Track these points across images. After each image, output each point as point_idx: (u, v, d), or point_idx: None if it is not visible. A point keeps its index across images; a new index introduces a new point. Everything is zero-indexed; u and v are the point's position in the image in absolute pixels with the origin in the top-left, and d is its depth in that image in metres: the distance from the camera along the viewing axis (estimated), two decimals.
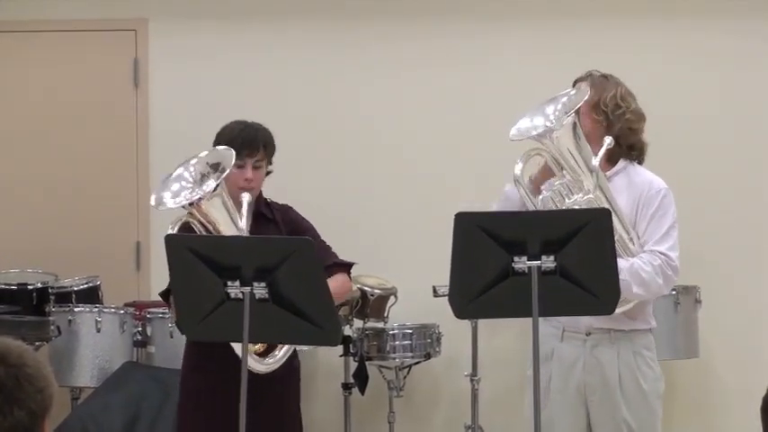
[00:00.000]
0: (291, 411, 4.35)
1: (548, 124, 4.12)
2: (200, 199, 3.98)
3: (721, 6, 6.56)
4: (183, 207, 4.03)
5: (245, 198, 4.14)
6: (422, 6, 6.66)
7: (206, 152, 4.16)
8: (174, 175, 4.11)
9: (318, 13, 6.67)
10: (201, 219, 4.02)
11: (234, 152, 4.08)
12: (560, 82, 4.39)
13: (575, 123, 4.14)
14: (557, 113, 4.14)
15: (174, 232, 3.97)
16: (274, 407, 4.24)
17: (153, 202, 4.07)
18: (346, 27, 6.66)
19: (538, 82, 5.43)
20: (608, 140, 4.21)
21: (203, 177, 4.08)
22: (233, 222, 4.05)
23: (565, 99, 4.17)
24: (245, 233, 4.09)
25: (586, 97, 4.19)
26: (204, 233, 4.03)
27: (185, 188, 4.06)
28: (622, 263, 4.10)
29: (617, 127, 4.30)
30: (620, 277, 3.98)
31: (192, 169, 4.11)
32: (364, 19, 6.67)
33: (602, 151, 4.17)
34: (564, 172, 4.14)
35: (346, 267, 4.42)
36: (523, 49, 6.60)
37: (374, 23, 6.67)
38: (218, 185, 4.00)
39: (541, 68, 6.34)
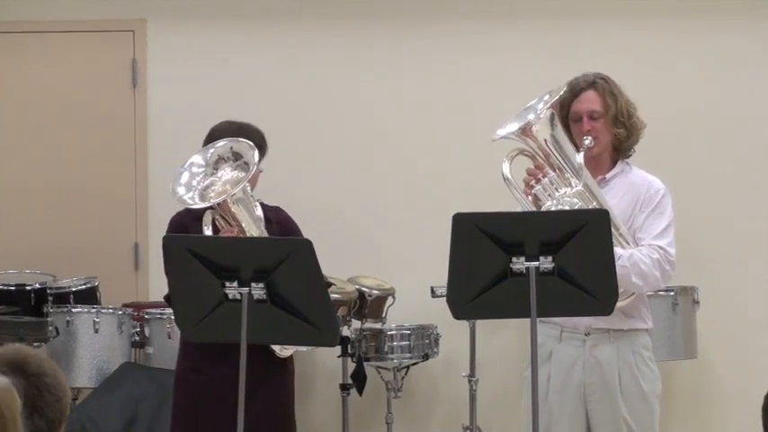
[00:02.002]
0: (286, 415, 4.36)
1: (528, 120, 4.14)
2: (225, 199, 4.04)
3: (721, 6, 6.56)
4: (212, 207, 4.08)
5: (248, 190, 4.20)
6: (421, 6, 6.66)
7: (235, 139, 4.20)
8: (187, 163, 4.15)
9: (317, 13, 6.66)
10: (224, 215, 4.08)
11: (257, 151, 4.11)
12: (559, 81, 4.39)
13: (552, 115, 4.15)
14: (538, 112, 4.15)
15: (210, 233, 4.02)
16: (269, 410, 4.26)
17: (175, 198, 4.10)
18: (345, 28, 6.66)
19: (538, 82, 5.40)
20: (587, 141, 4.22)
21: (219, 161, 4.12)
22: (251, 217, 4.11)
23: (541, 105, 4.17)
24: (262, 222, 4.12)
25: (562, 93, 4.20)
26: (227, 228, 4.09)
27: (196, 174, 4.11)
28: (621, 251, 4.11)
29: (635, 136, 4.32)
30: (620, 264, 4.00)
31: (210, 152, 4.14)
32: (364, 19, 6.67)
33: (583, 150, 4.19)
34: (547, 169, 4.15)
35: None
36: (524, 48, 6.59)
37: (374, 24, 6.67)
38: (242, 184, 4.05)
39: (541, 68, 6.33)
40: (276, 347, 4.21)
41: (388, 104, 6.63)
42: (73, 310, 5.92)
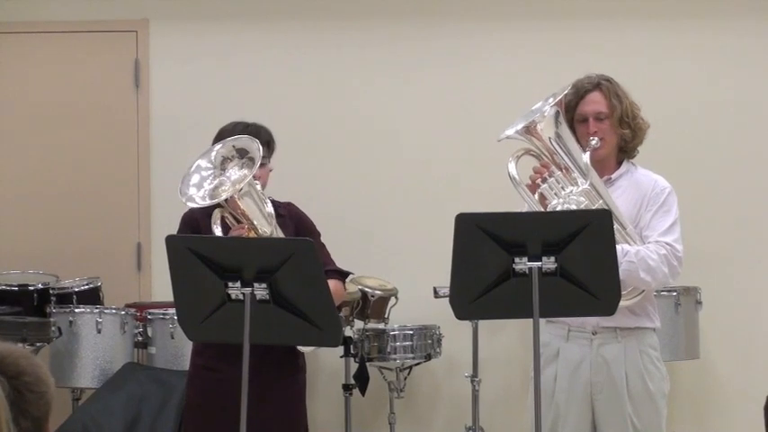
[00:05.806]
0: (296, 410, 4.36)
1: (532, 118, 4.15)
2: (232, 195, 4.05)
3: (722, 6, 6.56)
4: (220, 205, 4.09)
5: (258, 187, 4.21)
6: (423, 7, 6.66)
7: (234, 137, 4.21)
8: (193, 167, 4.15)
9: (320, 13, 6.67)
10: (233, 212, 4.09)
11: (260, 144, 4.12)
12: (562, 82, 4.39)
13: (557, 113, 4.15)
14: (543, 111, 4.15)
15: (219, 231, 4.02)
16: (279, 405, 4.26)
17: (182, 200, 4.10)
18: (346, 28, 6.66)
19: (539, 82, 5.42)
20: (593, 141, 4.23)
21: (225, 161, 4.13)
22: (261, 213, 4.12)
23: (547, 107, 4.17)
24: (273, 218, 4.14)
25: (566, 92, 4.21)
26: (236, 225, 4.11)
27: (206, 177, 4.11)
28: (628, 247, 4.11)
29: (639, 137, 4.32)
30: (627, 260, 4.01)
31: (213, 154, 4.15)
32: (365, 20, 6.67)
33: (589, 150, 4.19)
34: (553, 168, 4.15)
35: (341, 275, 4.45)
36: (525, 49, 6.60)
37: (374, 24, 6.67)
38: (249, 177, 4.05)
39: (543, 69, 6.34)
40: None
41: (391, 105, 6.63)
42: (76, 310, 5.92)
